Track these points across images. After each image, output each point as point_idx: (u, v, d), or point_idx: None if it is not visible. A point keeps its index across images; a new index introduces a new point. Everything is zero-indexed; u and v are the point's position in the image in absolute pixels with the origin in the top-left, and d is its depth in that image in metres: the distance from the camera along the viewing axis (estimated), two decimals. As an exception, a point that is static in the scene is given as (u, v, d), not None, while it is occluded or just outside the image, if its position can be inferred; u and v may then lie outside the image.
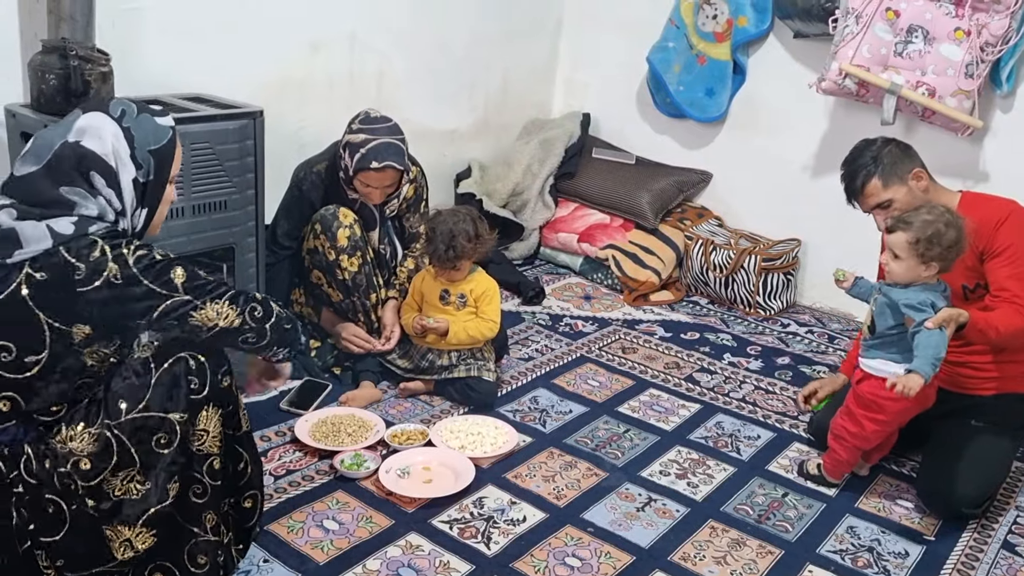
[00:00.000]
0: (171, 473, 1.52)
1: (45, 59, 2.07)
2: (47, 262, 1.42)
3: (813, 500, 2.20)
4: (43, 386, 1.46)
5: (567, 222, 3.69)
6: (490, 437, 2.33)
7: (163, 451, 1.51)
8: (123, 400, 1.49)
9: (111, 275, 1.43)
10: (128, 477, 1.50)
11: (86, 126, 1.49)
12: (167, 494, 1.52)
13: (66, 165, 1.46)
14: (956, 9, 2.85)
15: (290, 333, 1.67)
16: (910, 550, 2.05)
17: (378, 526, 1.98)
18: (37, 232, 1.41)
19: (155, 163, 1.54)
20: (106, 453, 1.48)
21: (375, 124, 2.49)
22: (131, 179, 1.51)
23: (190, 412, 1.54)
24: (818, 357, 3.04)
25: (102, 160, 1.48)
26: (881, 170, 2.18)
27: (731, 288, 3.38)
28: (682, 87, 3.57)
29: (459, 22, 3.49)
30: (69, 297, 1.42)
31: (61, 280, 1.42)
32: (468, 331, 2.51)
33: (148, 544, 1.52)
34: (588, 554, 1.95)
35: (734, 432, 2.51)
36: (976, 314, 2.01)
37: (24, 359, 1.42)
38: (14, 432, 1.48)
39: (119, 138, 1.50)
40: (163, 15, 2.54)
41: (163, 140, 1.55)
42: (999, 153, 3.03)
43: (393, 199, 2.61)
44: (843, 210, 3.35)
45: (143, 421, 1.49)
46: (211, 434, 1.58)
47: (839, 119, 3.31)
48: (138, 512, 1.50)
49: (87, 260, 1.42)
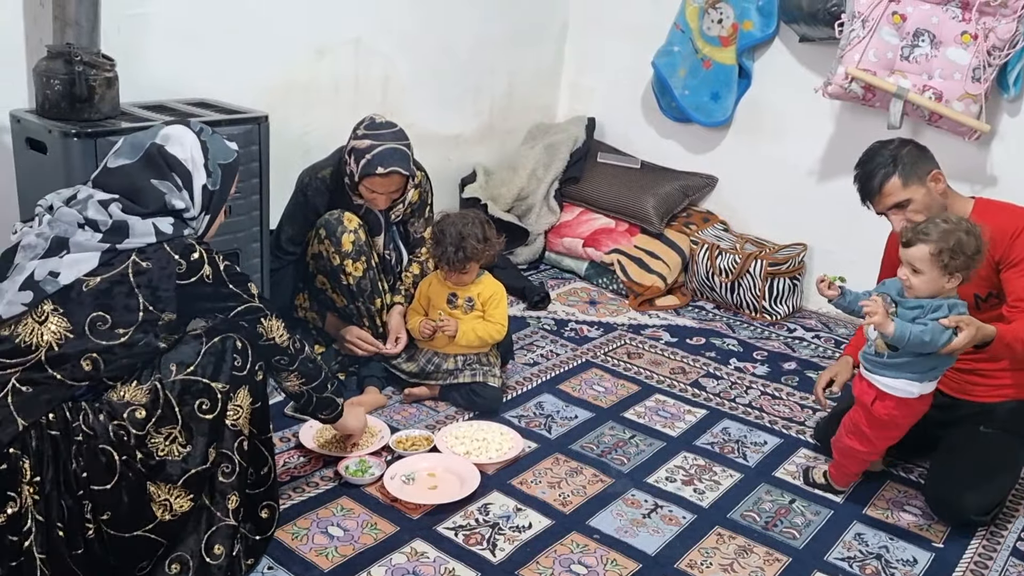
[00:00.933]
0: (210, 439, 1.67)
1: (50, 64, 2.07)
2: (153, 254, 1.62)
3: (820, 507, 2.19)
4: (124, 355, 1.62)
5: (572, 227, 3.69)
6: (495, 443, 2.32)
7: (205, 416, 1.66)
8: (173, 362, 1.65)
9: (205, 274, 1.66)
10: (170, 437, 1.64)
11: (170, 133, 1.71)
12: (207, 458, 1.67)
13: (156, 162, 1.68)
14: (963, 13, 2.84)
15: (312, 371, 1.90)
16: (919, 557, 2.03)
17: (383, 533, 1.98)
18: (144, 227, 1.62)
19: (223, 176, 1.75)
20: (154, 405, 1.63)
21: (380, 130, 2.49)
22: (202, 185, 1.71)
23: (232, 386, 1.70)
24: (825, 362, 3.02)
25: (181, 164, 1.69)
26: (901, 169, 2.13)
27: (737, 293, 3.36)
28: (687, 91, 3.56)
29: (464, 26, 3.49)
30: (167, 287, 1.62)
31: (163, 271, 1.62)
32: (476, 332, 2.51)
33: (185, 507, 1.66)
34: (594, 561, 1.93)
35: (740, 438, 2.50)
36: (1003, 328, 1.96)
37: (115, 330, 1.59)
38: (86, 391, 1.63)
39: (197, 147, 1.71)
40: (168, 20, 2.54)
41: (231, 158, 1.78)
42: (1006, 157, 3.01)
43: (398, 204, 2.60)
44: (849, 214, 3.35)
45: (190, 384, 1.65)
46: (244, 411, 1.73)
47: (845, 123, 3.30)
48: (179, 472, 1.64)
49: (188, 259, 1.64)
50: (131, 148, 1.69)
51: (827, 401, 2.36)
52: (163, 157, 1.67)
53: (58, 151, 2.02)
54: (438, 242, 2.49)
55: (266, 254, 2.41)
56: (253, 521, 1.80)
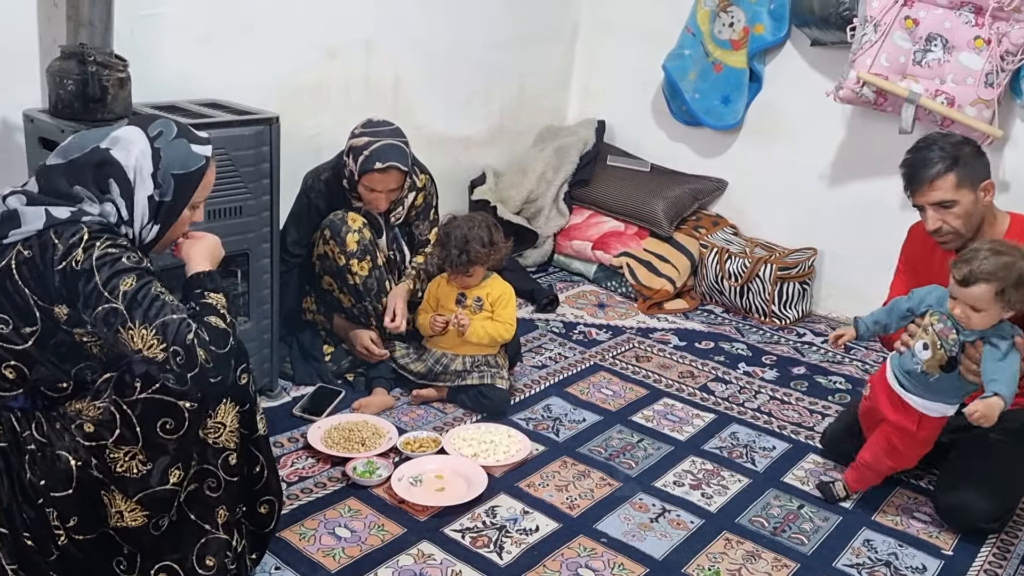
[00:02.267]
0: (175, 459, 1.56)
1: (63, 65, 2.08)
2: (37, 242, 1.49)
3: (829, 513, 2.18)
4: (42, 357, 1.53)
5: (581, 229, 3.68)
6: (503, 445, 2.32)
7: (169, 436, 1.55)
8: (139, 379, 1.53)
9: (73, 261, 1.47)
10: (131, 455, 1.55)
11: (120, 136, 1.58)
12: (167, 478, 1.56)
13: (87, 167, 1.55)
14: (976, 18, 2.83)
15: (214, 386, 1.54)
16: (928, 565, 2.02)
17: (390, 534, 1.98)
18: (35, 215, 1.50)
19: (175, 186, 1.60)
20: (110, 424, 1.53)
21: (377, 127, 2.51)
22: (147, 196, 1.58)
23: (204, 404, 1.57)
24: (834, 367, 3.01)
25: (123, 171, 1.56)
26: (960, 167, 2.02)
27: (746, 297, 3.35)
28: (698, 95, 3.55)
29: (475, 28, 3.49)
30: (46, 275, 1.48)
31: (41, 258, 1.49)
32: (487, 329, 2.51)
33: (139, 523, 1.56)
34: (601, 565, 1.93)
35: (749, 443, 2.49)
36: None
37: (20, 331, 1.51)
38: (23, 401, 1.56)
39: (145, 156, 1.58)
40: (181, 21, 2.55)
41: (191, 167, 1.61)
42: (1019, 162, 3.00)
43: (398, 207, 2.61)
44: (860, 219, 3.35)
45: (154, 403, 1.54)
46: (228, 428, 1.62)
47: (856, 128, 3.29)
48: (136, 490, 1.55)
49: (66, 242, 1.48)
50: (70, 148, 1.58)
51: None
52: (101, 163, 1.55)
53: (70, 151, 2.02)
54: (443, 245, 2.49)
55: (276, 255, 2.41)
56: (254, 517, 1.76)
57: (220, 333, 1.53)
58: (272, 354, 2.48)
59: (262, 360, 2.44)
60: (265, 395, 2.49)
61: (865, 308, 3.20)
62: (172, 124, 1.63)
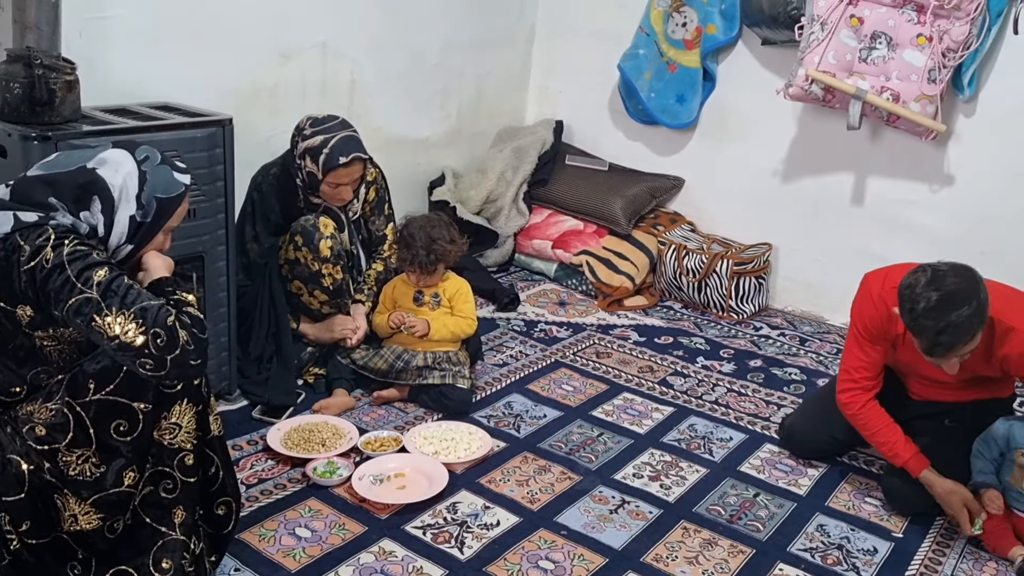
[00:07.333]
0: (130, 461, 1.57)
1: (10, 68, 2.05)
2: (2, 245, 1.50)
3: (784, 500, 2.23)
4: (2, 362, 1.53)
5: (541, 229, 3.71)
6: (464, 442, 2.33)
7: (123, 438, 1.55)
8: (92, 380, 1.53)
9: (44, 260, 1.49)
10: (84, 458, 1.54)
11: (107, 158, 1.63)
12: (121, 480, 1.56)
13: (70, 183, 1.58)
14: (918, 16, 2.91)
15: (194, 369, 1.54)
16: (879, 547, 2.07)
17: (351, 533, 1.98)
18: (3, 219, 1.51)
19: (156, 209, 1.65)
20: (63, 427, 1.53)
21: (326, 123, 2.51)
22: (129, 215, 1.62)
23: (159, 405, 1.57)
24: (790, 359, 3.07)
25: (108, 190, 1.60)
26: (982, 323, 1.89)
27: (704, 292, 3.41)
28: (653, 94, 3.60)
29: (432, 30, 3.50)
30: (11, 276, 1.49)
31: (7, 260, 1.49)
32: (448, 326, 2.54)
33: (93, 526, 1.56)
34: (561, 556, 1.95)
35: (707, 434, 2.53)
36: None
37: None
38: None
39: (132, 177, 1.63)
40: (131, 24, 2.52)
41: (172, 193, 1.67)
42: (962, 156, 3.08)
43: (354, 200, 2.63)
44: (812, 214, 3.42)
45: (107, 405, 1.54)
46: (184, 429, 1.62)
47: (807, 124, 3.36)
48: (90, 493, 1.55)
49: (32, 243, 1.50)
50: (55, 163, 1.61)
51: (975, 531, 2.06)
52: (87, 181, 1.58)
53: (18, 155, 1.99)
54: (408, 245, 2.50)
55: (232, 257, 2.40)
56: (211, 520, 1.75)
57: (198, 321, 1.57)
58: (230, 357, 2.46)
59: (220, 363, 2.42)
60: (223, 399, 2.47)
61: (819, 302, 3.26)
62: (156, 151, 1.69)
